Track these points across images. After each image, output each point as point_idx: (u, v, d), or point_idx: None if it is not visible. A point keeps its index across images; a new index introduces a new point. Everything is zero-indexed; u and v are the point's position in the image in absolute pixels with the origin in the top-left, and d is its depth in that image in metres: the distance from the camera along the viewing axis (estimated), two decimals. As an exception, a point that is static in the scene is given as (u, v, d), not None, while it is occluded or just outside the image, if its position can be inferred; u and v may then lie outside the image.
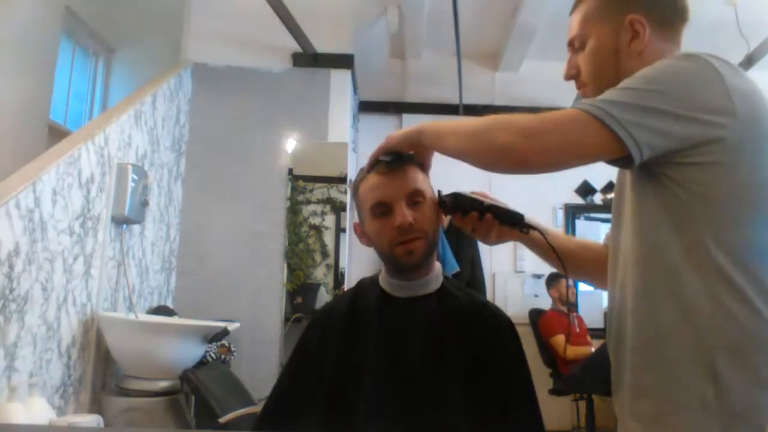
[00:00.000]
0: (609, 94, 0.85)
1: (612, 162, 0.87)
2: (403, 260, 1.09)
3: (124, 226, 2.43)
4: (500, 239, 1.08)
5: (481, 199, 1.06)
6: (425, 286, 1.14)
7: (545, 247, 1.09)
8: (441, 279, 1.16)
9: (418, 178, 1.11)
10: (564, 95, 2.53)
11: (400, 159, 1.09)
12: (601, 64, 0.99)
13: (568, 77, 1.05)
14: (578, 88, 1.05)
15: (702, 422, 0.81)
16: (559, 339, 3.71)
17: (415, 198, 1.09)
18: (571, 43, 1.04)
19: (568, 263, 1.07)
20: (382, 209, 1.09)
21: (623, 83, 0.86)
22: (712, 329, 0.81)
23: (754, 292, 0.81)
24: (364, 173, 1.14)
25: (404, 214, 1.06)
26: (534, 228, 1.06)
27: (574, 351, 3.66)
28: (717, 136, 0.81)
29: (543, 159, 0.87)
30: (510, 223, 1.06)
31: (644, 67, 0.90)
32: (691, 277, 0.83)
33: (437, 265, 1.17)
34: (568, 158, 0.87)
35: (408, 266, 1.11)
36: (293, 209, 3.24)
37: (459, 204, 1.08)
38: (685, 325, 0.83)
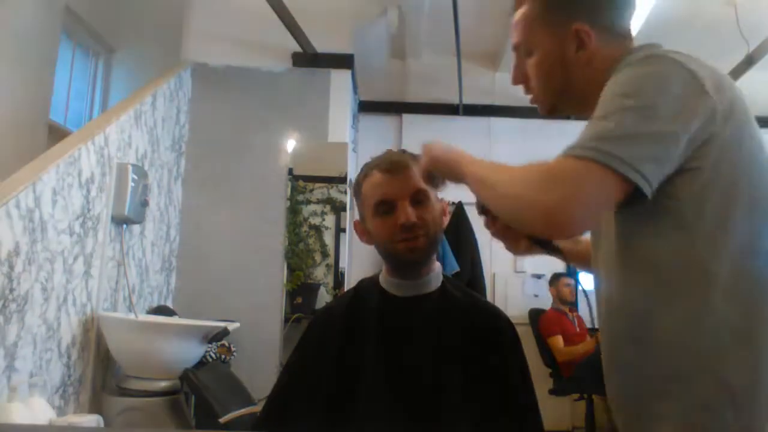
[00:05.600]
0: (602, 129, 0.76)
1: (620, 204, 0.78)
2: (404, 256, 1.09)
3: (124, 226, 2.42)
4: (528, 251, 1.05)
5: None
6: (425, 285, 1.14)
7: (573, 259, 1.11)
8: (441, 278, 1.17)
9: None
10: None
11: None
12: (548, 75, 0.95)
13: (516, 83, 1.01)
14: (526, 93, 1.01)
15: None
16: (556, 339, 3.72)
17: (418, 197, 1.09)
18: (516, 49, 0.99)
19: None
20: (386, 207, 1.09)
21: (606, 107, 0.78)
22: (718, 345, 0.77)
23: (758, 299, 0.78)
24: (366, 170, 1.14)
25: (407, 212, 1.07)
26: (559, 250, 1.05)
27: (568, 352, 3.66)
28: (706, 138, 0.77)
29: (572, 227, 0.78)
30: (537, 241, 1.03)
31: (593, 74, 0.88)
32: (689, 289, 0.79)
33: (437, 264, 1.17)
34: (593, 215, 0.79)
35: (410, 262, 1.11)
36: (293, 209, 3.24)
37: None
38: (690, 343, 0.78)
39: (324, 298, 3.20)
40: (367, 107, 4.43)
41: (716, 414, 0.76)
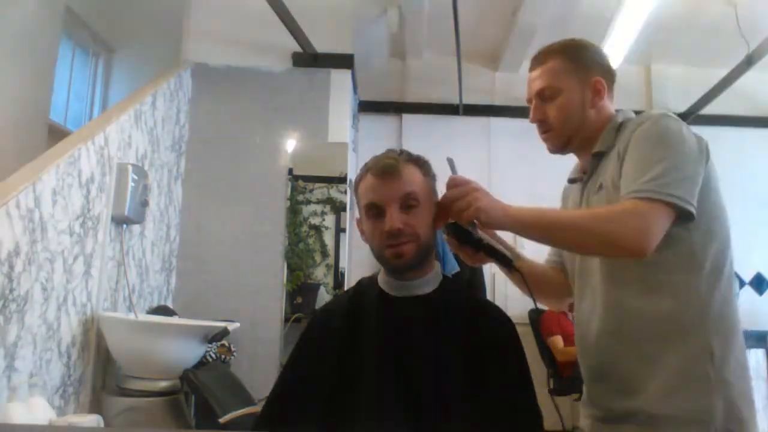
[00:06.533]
0: (657, 174, 1.01)
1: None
2: (392, 262, 1.10)
3: (124, 226, 2.42)
4: (482, 263, 1.19)
5: (480, 236, 1.11)
6: (422, 286, 1.14)
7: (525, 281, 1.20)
8: (440, 279, 1.17)
9: (414, 180, 1.11)
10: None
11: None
12: (571, 114, 1.19)
13: (535, 121, 1.23)
14: (543, 132, 1.23)
15: (707, 390, 1.02)
16: (556, 339, 3.72)
17: (408, 201, 1.09)
18: (539, 94, 1.21)
19: (543, 290, 1.31)
20: (375, 212, 1.10)
21: (649, 155, 1.04)
22: (705, 320, 1.05)
23: (725, 289, 1.07)
24: (362, 172, 1.14)
25: (393, 219, 1.07)
26: (517, 270, 1.14)
27: (568, 352, 3.66)
28: (703, 176, 1.07)
29: (654, 246, 1.00)
30: (499, 263, 1.14)
31: (599, 119, 1.18)
32: (685, 280, 1.06)
33: (436, 264, 1.17)
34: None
35: (398, 268, 1.12)
36: (293, 209, 3.24)
37: (458, 235, 1.12)
38: (685, 318, 1.06)
39: (324, 298, 3.20)
40: (367, 107, 4.43)
41: (701, 368, 1.03)
